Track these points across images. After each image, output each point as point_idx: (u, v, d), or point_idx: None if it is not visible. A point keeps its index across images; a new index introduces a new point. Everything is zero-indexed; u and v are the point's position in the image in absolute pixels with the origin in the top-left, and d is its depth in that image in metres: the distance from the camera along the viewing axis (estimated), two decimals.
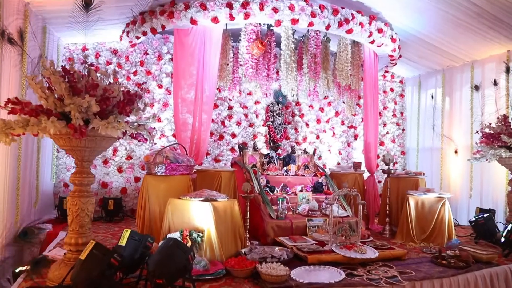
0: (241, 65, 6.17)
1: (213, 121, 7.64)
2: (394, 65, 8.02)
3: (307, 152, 7.11)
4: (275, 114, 6.92)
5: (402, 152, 9.38)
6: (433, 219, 5.62)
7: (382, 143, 9.20)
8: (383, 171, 6.37)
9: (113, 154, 7.06)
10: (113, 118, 3.11)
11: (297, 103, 8.39)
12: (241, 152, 6.58)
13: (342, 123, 8.84)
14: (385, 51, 6.99)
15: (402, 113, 9.48)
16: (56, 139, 3.31)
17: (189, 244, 3.81)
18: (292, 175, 6.49)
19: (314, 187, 6.37)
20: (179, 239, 3.87)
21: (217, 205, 4.18)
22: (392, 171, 6.30)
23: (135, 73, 7.25)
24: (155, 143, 7.19)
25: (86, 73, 3.40)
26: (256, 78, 5.95)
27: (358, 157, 8.92)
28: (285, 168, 6.49)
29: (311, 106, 8.51)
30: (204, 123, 5.84)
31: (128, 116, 3.37)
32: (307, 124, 8.46)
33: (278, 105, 6.99)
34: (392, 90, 9.42)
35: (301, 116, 8.41)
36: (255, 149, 6.78)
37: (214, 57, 5.88)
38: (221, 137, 7.69)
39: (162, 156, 4.81)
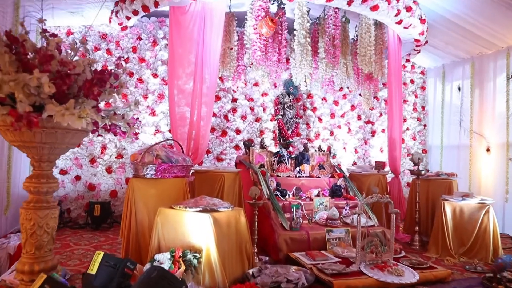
0: (247, 48, 5.29)
1: (214, 115, 6.78)
2: (418, 52, 7.14)
3: (322, 150, 6.24)
4: (285, 106, 6.05)
5: (424, 150, 8.49)
6: (474, 229, 4.75)
7: (402, 140, 8.28)
8: (412, 172, 5.49)
9: (101, 152, 6.21)
10: (73, 103, 2.25)
11: (309, 95, 7.51)
12: (247, 150, 5.72)
13: (359, 118, 7.95)
14: (410, 35, 6.12)
15: (423, 107, 8.59)
16: (3, 132, 2.45)
17: (182, 268, 2.95)
18: (305, 176, 5.63)
19: (332, 190, 5.51)
20: (170, 261, 3.01)
21: (219, 217, 3.31)
22: (423, 172, 5.42)
23: (126, 61, 6.40)
24: (137, 138, 6.34)
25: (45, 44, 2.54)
26: (265, 64, 5.07)
27: (376, 155, 8.05)
28: (297, 168, 5.62)
29: (324, 98, 7.63)
30: (204, 117, 4.98)
31: (97, 101, 2.50)
32: (320, 119, 7.58)
33: (289, 97, 6.12)
34: (412, 82, 8.53)
35: (314, 110, 7.53)
36: (262, 146, 5.91)
37: (215, 40, 5.02)
38: (224, 133, 6.83)
39: (152, 155, 3.96)
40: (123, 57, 6.36)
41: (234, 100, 6.94)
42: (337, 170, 5.91)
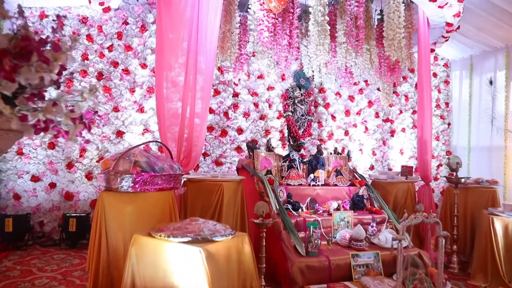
0: (251, 30, 4.34)
1: (212, 111, 5.86)
2: (446, 40, 6.20)
3: (338, 153, 5.31)
4: (296, 101, 5.12)
5: (448, 151, 7.56)
6: None
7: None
8: (449, 179, 4.57)
9: (80, 155, 5.30)
10: None
11: (321, 90, 6.59)
12: (251, 153, 4.81)
13: (377, 115, 7.02)
14: (443, 17, 5.19)
15: (447, 104, 7.66)
16: None
17: None
18: (321, 184, 4.70)
19: (353, 202, 4.59)
20: None
21: (215, 251, 2.39)
22: (463, 180, 4.49)
23: (110, 48, 5.48)
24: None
25: None
26: (273, 48, 4.15)
27: (396, 158, 7.13)
28: (311, 175, 4.69)
29: (338, 93, 6.71)
30: (199, 114, 4.07)
31: (12, 80, 1.57)
32: (333, 117, 6.65)
33: (300, 90, 5.19)
34: (435, 75, 7.59)
35: (326, 106, 6.61)
36: (269, 148, 5.00)
37: (213, 20, 4.09)
38: (223, 133, 5.91)
39: (129, 162, 3.04)
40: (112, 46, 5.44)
41: (235, 95, 6.02)
42: (358, 177, 4.98)
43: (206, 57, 4.02)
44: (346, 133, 6.72)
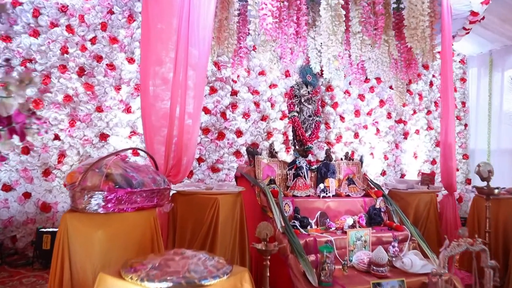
0: (252, 17, 3.74)
1: (209, 112, 5.25)
2: (467, 33, 5.66)
3: (350, 159, 4.70)
4: (302, 100, 4.51)
5: (465, 155, 6.95)
6: None
7: (439, 144, 6.75)
8: (479, 190, 3.95)
9: (59, 161, 4.69)
10: None
11: (328, 87, 5.97)
12: (251, 159, 4.20)
13: (389, 116, 6.41)
14: (469, 5, 4.62)
15: (463, 103, 7.05)
16: None
17: None
18: (332, 195, 4.09)
19: (369, 216, 3.99)
20: None
21: None
22: (496, 191, 3.88)
23: (93, 41, 4.87)
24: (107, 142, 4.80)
25: None
26: (277, 36, 3.54)
27: (409, 162, 6.52)
28: (321, 185, 4.08)
29: (347, 92, 6.09)
30: (190, 114, 3.47)
31: None
32: (342, 118, 6.04)
33: (307, 88, 4.58)
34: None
35: (334, 105, 5.99)
36: (272, 154, 4.39)
37: (207, 5, 3.49)
38: (220, 136, 5.29)
39: (100, 175, 2.43)
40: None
41: (234, 93, 5.40)
42: (374, 187, 4.37)
43: (199, 48, 3.42)
44: (356, 135, 6.11)
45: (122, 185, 2.46)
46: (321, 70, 4.73)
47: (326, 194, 4.01)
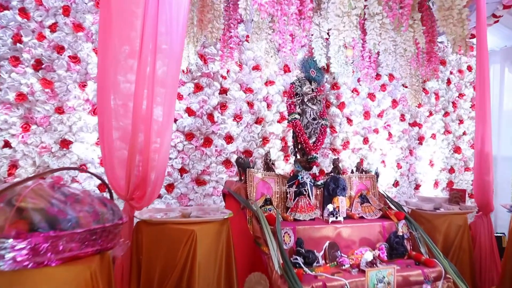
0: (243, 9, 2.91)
1: (192, 113, 4.42)
2: (496, 21, 4.89)
3: (363, 171, 3.88)
4: (305, 100, 3.69)
5: None
6: None
7: (457, 149, 5.96)
8: None
9: (9, 173, 3.84)
10: None
11: (334, 85, 5.15)
12: (243, 174, 3.38)
13: (402, 118, 5.59)
14: None
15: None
16: None
17: None
18: (343, 218, 3.27)
19: (390, 245, 3.17)
20: None
21: None
22: None
23: (53, 28, 4.02)
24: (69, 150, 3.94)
25: None
26: (276, 14, 2.72)
27: (425, 171, 5.71)
28: (329, 206, 3.25)
29: (355, 90, 5.26)
30: (160, 117, 2.64)
31: None
32: (349, 120, 5.21)
33: (311, 84, 3.77)
34: (470, 69, 6.18)
35: (340, 106, 5.16)
36: (268, 166, 3.57)
37: None
38: (207, 142, 4.45)
39: (6, 211, 1.60)
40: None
41: (223, 91, 4.57)
42: (393, 206, 3.55)
43: (171, 29, 2.58)
44: (365, 140, 5.28)
45: (42, 226, 1.63)
46: (327, 64, 3.92)
47: (336, 217, 3.18)
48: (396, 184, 5.48)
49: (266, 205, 3.16)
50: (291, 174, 3.84)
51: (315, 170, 3.58)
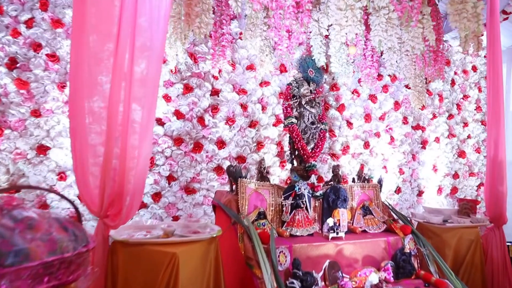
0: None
1: (181, 116, 4.10)
2: (505, 18, 4.60)
3: (365, 179, 3.58)
4: (303, 102, 3.38)
5: None
6: None
7: (462, 154, 5.67)
8: None
9: None
10: None
11: (333, 86, 4.85)
12: (234, 184, 3.07)
13: (405, 120, 5.29)
14: None
15: None
16: None
17: None
18: (345, 232, 2.97)
19: (396, 264, 2.87)
20: None
21: None
22: None
23: (29, 24, 3.70)
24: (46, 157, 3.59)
25: None
26: (271, 7, 2.43)
27: (428, 177, 5.42)
28: (329, 221, 2.94)
29: (356, 91, 4.96)
30: (137, 121, 2.32)
31: None
32: (349, 123, 4.91)
33: (309, 85, 3.47)
34: (475, 69, 5.90)
35: (340, 108, 4.86)
36: (262, 175, 3.26)
37: None
38: (197, 147, 4.13)
39: None
40: None
41: (214, 93, 4.25)
42: (399, 218, 3.26)
43: (152, 21, 2.28)
44: (366, 145, 4.98)
45: None
46: (327, 63, 3.61)
47: (337, 233, 2.88)
48: (398, 190, 5.18)
49: (259, 219, 2.86)
50: (288, 183, 3.53)
51: (313, 179, 3.25)
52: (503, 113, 3.41)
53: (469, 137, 5.76)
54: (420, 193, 5.37)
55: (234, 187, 3.06)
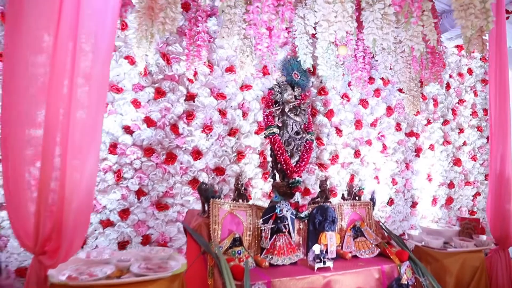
0: None
1: (152, 123, 3.67)
2: (507, 17, 4.24)
3: (356, 196, 3.20)
4: (286, 109, 2.99)
5: (488, 176, 5.53)
6: None
7: (457, 162, 5.33)
8: None
9: None
10: None
11: (321, 90, 4.46)
12: (205, 205, 2.66)
13: (398, 127, 4.93)
14: None
15: (485, 111, 5.64)
16: None
17: None
18: (333, 258, 2.58)
19: None
20: None
21: None
22: None
23: None
24: None
25: None
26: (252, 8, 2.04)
27: (422, 187, 5.07)
28: (315, 247, 2.54)
29: (346, 95, 4.58)
30: (82, 126, 1.90)
31: None
32: (338, 131, 4.52)
33: (293, 90, 3.08)
34: (470, 72, 5.57)
35: (329, 114, 4.47)
36: (239, 192, 2.85)
37: None
38: (170, 158, 3.70)
39: None
40: None
41: (190, 98, 3.83)
42: (394, 241, 2.88)
43: (96, 8, 1.87)
44: (357, 153, 4.60)
45: None
46: (314, 65, 3.23)
47: (324, 263, 2.48)
48: (391, 202, 4.82)
49: (234, 247, 2.46)
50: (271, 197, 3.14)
51: (297, 197, 2.86)
52: (510, 124, 3.05)
53: (464, 143, 5.43)
54: (414, 204, 5.01)
55: (206, 207, 2.65)
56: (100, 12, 1.89)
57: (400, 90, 4.80)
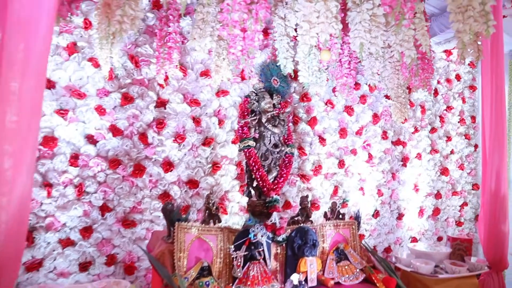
0: None
1: (118, 132, 3.34)
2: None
3: (340, 216, 2.93)
4: (263, 120, 2.72)
5: (475, 185, 5.36)
6: None
7: (445, 171, 5.12)
8: None
9: None
10: None
11: (304, 96, 4.19)
12: (171, 229, 2.36)
13: (384, 135, 4.69)
14: None
15: (473, 118, 5.45)
16: None
17: None
18: (313, 286, 2.31)
19: None
20: None
21: None
22: None
23: None
24: None
25: None
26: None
27: (408, 197, 4.84)
28: (293, 277, 2.26)
29: (330, 102, 4.32)
30: (12, 131, 1.59)
31: None
32: (322, 139, 4.26)
33: (272, 98, 2.81)
34: (458, 77, 5.37)
35: (311, 122, 4.20)
36: (211, 213, 2.55)
37: None
38: (138, 170, 3.38)
39: None
40: None
41: (160, 104, 3.51)
42: (380, 265, 2.62)
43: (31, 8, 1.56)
44: (341, 164, 4.34)
45: None
46: (295, 70, 2.96)
47: None
48: (376, 214, 4.57)
49: (202, 277, 2.17)
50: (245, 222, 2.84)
51: (274, 217, 2.57)
52: (506, 138, 2.82)
53: (452, 152, 5.22)
54: (400, 216, 4.78)
55: (171, 232, 2.35)
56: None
57: (387, 97, 4.57)
